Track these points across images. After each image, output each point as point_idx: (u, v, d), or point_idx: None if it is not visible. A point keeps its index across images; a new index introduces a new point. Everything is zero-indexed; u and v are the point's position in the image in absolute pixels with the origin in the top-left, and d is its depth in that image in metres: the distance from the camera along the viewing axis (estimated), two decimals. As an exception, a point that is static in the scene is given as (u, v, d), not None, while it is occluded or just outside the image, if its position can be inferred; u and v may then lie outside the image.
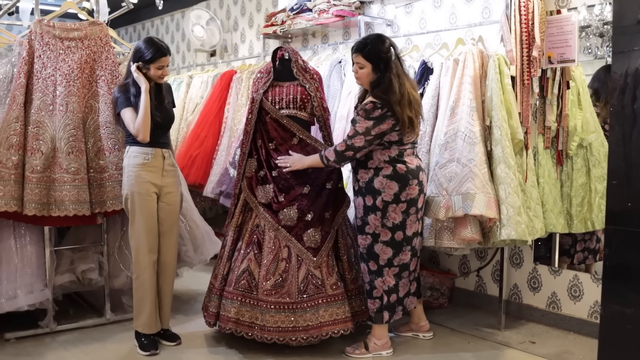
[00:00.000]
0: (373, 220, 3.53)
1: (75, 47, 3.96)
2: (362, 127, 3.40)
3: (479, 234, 3.76)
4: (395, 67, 3.43)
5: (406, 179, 3.49)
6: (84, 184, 3.85)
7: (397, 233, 3.53)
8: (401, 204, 3.49)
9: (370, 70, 3.45)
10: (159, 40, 3.64)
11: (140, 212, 3.66)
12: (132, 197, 3.65)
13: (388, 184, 3.48)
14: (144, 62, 3.58)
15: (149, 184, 3.66)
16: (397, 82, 3.40)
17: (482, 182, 3.69)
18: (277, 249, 3.66)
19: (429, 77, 4.20)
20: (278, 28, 5.66)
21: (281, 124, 3.78)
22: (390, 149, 3.48)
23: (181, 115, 6.34)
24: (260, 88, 3.86)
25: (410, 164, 3.52)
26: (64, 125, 3.83)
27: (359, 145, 3.42)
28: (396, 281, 3.61)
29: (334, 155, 3.49)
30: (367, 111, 3.40)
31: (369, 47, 3.45)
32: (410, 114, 3.43)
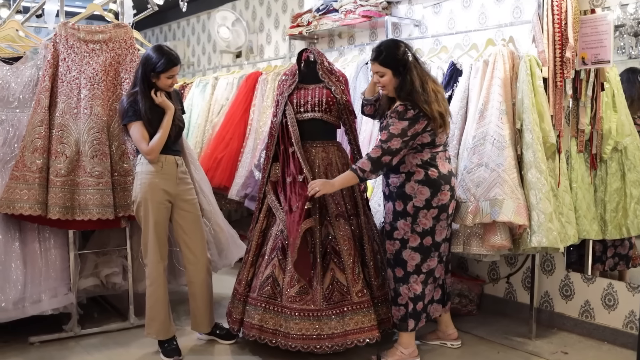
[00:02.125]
0: (402, 225, 3.46)
1: (99, 49, 3.93)
2: (398, 129, 3.32)
3: (508, 241, 3.65)
4: (414, 67, 3.37)
5: (438, 184, 3.41)
6: (107, 187, 3.82)
7: (426, 239, 3.46)
8: (432, 210, 3.42)
9: (391, 75, 3.40)
10: (169, 49, 3.57)
11: (152, 220, 3.60)
12: (145, 204, 3.59)
13: (420, 189, 3.41)
14: (155, 73, 3.51)
15: (163, 191, 3.61)
16: (419, 81, 3.34)
17: (510, 187, 3.59)
18: (301, 255, 3.59)
19: (457, 79, 4.10)
20: (304, 29, 5.59)
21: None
22: (423, 152, 3.41)
23: (206, 117, 6.32)
24: (285, 91, 3.79)
25: (442, 168, 3.45)
26: (88, 129, 3.81)
27: (396, 148, 3.32)
28: (422, 288, 3.53)
29: (369, 164, 3.34)
30: (399, 112, 3.34)
31: (384, 53, 3.40)
32: (440, 109, 3.37)
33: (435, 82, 3.45)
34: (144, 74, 3.54)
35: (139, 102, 3.53)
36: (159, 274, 3.66)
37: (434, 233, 3.46)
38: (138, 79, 3.58)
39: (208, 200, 4.46)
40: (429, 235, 3.45)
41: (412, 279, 3.49)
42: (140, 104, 3.52)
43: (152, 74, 3.53)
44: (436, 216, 3.44)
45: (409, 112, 3.32)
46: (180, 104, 3.82)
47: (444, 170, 3.45)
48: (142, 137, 3.53)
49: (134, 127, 3.55)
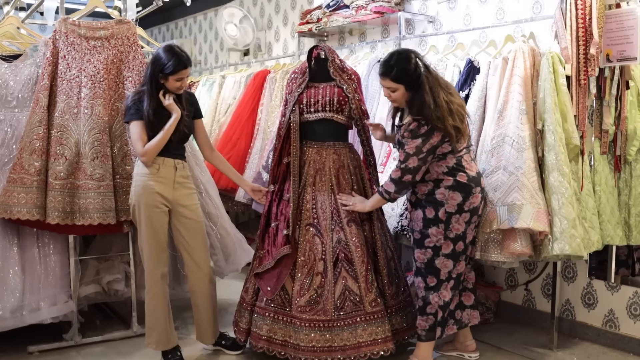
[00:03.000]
0: (435, 232, 3.31)
1: (101, 46, 3.77)
2: (412, 147, 3.21)
3: (529, 248, 3.47)
4: (426, 81, 3.20)
5: (469, 188, 3.28)
6: (109, 190, 3.66)
7: (458, 244, 3.34)
8: (464, 214, 3.29)
9: (403, 91, 3.26)
10: (180, 50, 3.39)
11: (146, 224, 3.43)
12: (139, 207, 3.43)
13: (451, 194, 3.27)
14: (163, 74, 3.34)
15: (157, 195, 3.42)
16: (431, 97, 3.17)
17: (530, 191, 3.41)
18: (311, 263, 3.42)
19: (475, 77, 3.92)
20: (313, 26, 5.42)
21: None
22: (446, 159, 3.28)
23: (213, 117, 6.17)
24: (294, 90, 3.62)
25: (470, 171, 3.32)
26: (88, 129, 3.65)
27: (414, 166, 3.23)
28: (452, 294, 3.41)
29: (392, 185, 3.31)
30: (412, 131, 3.22)
31: (396, 68, 3.23)
32: (455, 123, 3.21)
33: (447, 91, 3.27)
34: (152, 74, 3.36)
35: (144, 101, 3.36)
36: (156, 281, 3.49)
37: (465, 237, 3.35)
38: (146, 78, 3.41)
39: (214, 204, 4.31)
40: (460, 240, 3.34)
41: (443, 286, 3.36)
42: (145, 104, 3.35)
43: (161, 75, 3.35)
44: (468, 220, 3.32)
45: (421, 129, 3.21)
46: (193, 106, 3.63)
47: (472, 172, 3.32)
48: (139, 137, 3.36)
49: (133, 125, 3.38)
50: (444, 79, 3.41)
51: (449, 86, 3.35)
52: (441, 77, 3.36)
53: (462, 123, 3.25)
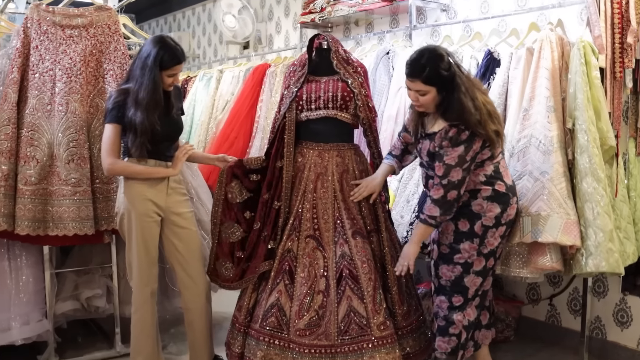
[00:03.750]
0: (468, 248, 2.93)
1: (78, 36, 3.38)
2: (454, 158, 2.79)
3: (560, 263, 3.07)
4: (461, 82, 2.80)
5: (507, 198, 2.92)
6: (86, 197, 3.28)
7: (490, 260, 2.97)
8: (501, 227, 2.93)
9: (435, 94, 2.83)
10: (173, 43, 3.00)
11: (137, 236, 3.06)
12: (129, 217, 3.06)
13: (489, 206, 2.89)
14: (158, 68, 2.96)
15: (150, 202, 3.06)
16: (469, 99, 2.77)
17: (557, 200, 3.01)
18: (312, 280, 3.03)
19: (495, 70, 3.51)
20: (317, 16, 5.04)
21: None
22: (484, 167, 2.90)
23: (210, 114, 5.80)
24: (292, 84, 3.22)
25: (507, 179, 2.96)
26: (63, 129, 3.27)
27: (459, 179, 2.81)
28: (477, 313, 3.04)
29: (436, 208, 2.85)
30: (452, 138, 2.79)
31: (428, 69, 2.79)
32: (495, 127, 2.83)
33: (482, 91, 2.89)
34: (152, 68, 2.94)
35: (127, 101, 2.96)
36: (144, 300, 3.13)
37: (496, 252, 2.98)
38: (142, 73, 2.96)
39: (207, 210, 3.93)
40: (492, 256, 2.97)
41: (469, 304, 3.00)
42: (128, 105, 2.96)
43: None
44: (503, 233, 2.95)
45: (462, 135, 2.79)
46: (179, 102, 3.26)
47: (509, 180, 2.97)
48: (111, 145, 2.98)
49: (108, 129, 3.00)
50: (475, 78, 3.01)
51: (481, 85, 2.96)
52: (472, 75, 2.96)
53: (501, 125, 2.88)
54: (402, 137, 3.19)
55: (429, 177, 2.99)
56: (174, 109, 3.12)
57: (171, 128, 3.12)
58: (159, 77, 2.96)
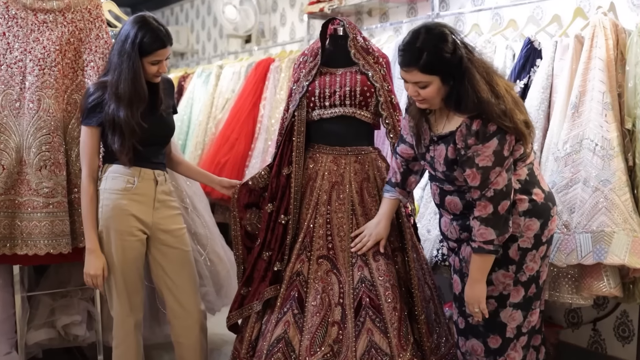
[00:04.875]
0: (502, 278, 2.35)
1: (53, 22, 2.90)
2: (489, 157, 2.20)
3: (619, 289, 2.60)
4: (472, 64, 2.22)
5: (547, 210, 2.34)
6: (61, 210, 2.81)
7: (531, 288, 2.39)
8: (542, 247, 2.35)
9: (439, 85, 2.24)
10: (156, 23, 2.54)
11: (117, 258, 2.61)
12: (107, 235, 2.61)
13: (528, 223, 2.31)
14: (138, 54, 2.51)
15: (132, 218, 2.61)
16: (486, 85, 2.20)
17: (622, 214, 2.55)
18: (325, 309, 2.56)
19: (536, 62, 3.04)
20: (326, 5, 4.59)
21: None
22: (517, 171, 2.32)
23: (209, 113, 5.38)
24: (302, 77, 2.75)
25: (544, 184, 2.39)
26: (34, 129, 2.79)
27: (505, 183, 2.22)
28: (524, 355, 2.45)
29: (489, 230, 2.23)
30: (479, 132, 2.21)
31: (426, 54, 2.19)
32: (524, 116, 2.26)
33: (500, 76, 2.33)
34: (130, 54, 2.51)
35: (104, 99, 2.53)
36: (128, 332, 2.66)
37: (539, 276, 2.40)
38: (120, 62, 2.53)
39: (203, 222, 3.48)
40: (534, 282, 2.39)
41: (512, 346, 2.42)
42: (106, 101, 2.53)
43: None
44: (545, 253, 2.39)
45: (490, 126, 2.20)
46: (171, 99, 2.79)
47: (545, 186, 2.40)
48: (90, 152, 2.57)
49: (85, 133, 2.58)
50: (489, 61, 2.40)
51: (493, 66, 2.37)
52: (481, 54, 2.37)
53: (528, 115, 2.32)
54: (400, 153, 2.59)
55: (445, 193, 2.41)
56: (163, 106, 2.65)
57: (160, 129, 2.66)
58: (139, 64, 2.49)
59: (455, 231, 2.43)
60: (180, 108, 5.76)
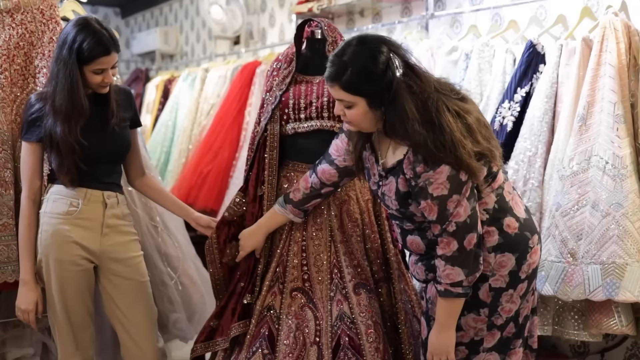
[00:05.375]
0: (472, 322, 2.04)
1: (0, 24, 2.62)
2: (443, 184, 1.87)
3: (632, 327, 2.32)
4: (408, 90, 1.88)
5: (524, 241, 2.01)
6: (7, 233, 2.51)
7: (508, 327, 2.06)
8: (521, 285, 2.02)
9: (365, 108, 1.93)
10: (99, 26, 2.24)
11: (58, 289, 2.32)
12: (47, 264, 2.33)
13: (499, 260, 1.99)
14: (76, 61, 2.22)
15: (75, 245, 2.32)
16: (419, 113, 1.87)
17: (636, 243, 2.28)
18: (299, 348, 2.25)
19: (539, 68, 2.75)
20: (315, 5, 4.31)
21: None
22: (484, 198, 1.98)
23: (194, 119, 5.09)
24: (275, 86, 2.45)
25: (518, 210, 2.03)
26: (-23, 144, 2.51)
27: (469, 214, 1.90)
28: None
29: (457, 270, 1.92)
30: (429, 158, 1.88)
31: (350, 72, 1.90)
32: (477, 146, 1.89)
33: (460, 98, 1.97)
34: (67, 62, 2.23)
35: (43, 113, 2.27)
36: None
37: (519, 314, 2.07)
38: (52, 72, 2.29)
39: (175, 241, 3.18)
40: (511, 322, 2.06)
41: None
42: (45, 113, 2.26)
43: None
44: (526, 291, 2.04)
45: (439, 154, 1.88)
46: (130, 110, 2.49)
47: (522, 212, 2.04)
48: (29, 170, 2.31)
49: (25, 149, 2.32)
50: (440, 78, 2.05)
51: (451, 87, 2.01)
52: (433, 75, 2.02)
53: (488, 141, 1.95)
54: (320, 174, 2.25)
55: (406, 233, 2.10)
56: (115, 119, 2.35)
57: (110, 145, 2.36)
58: (77, 73, 2.21)
59: (421, 271, 2.12)
60: (165, 113, 5.50)
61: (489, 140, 1.95)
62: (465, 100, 1.96)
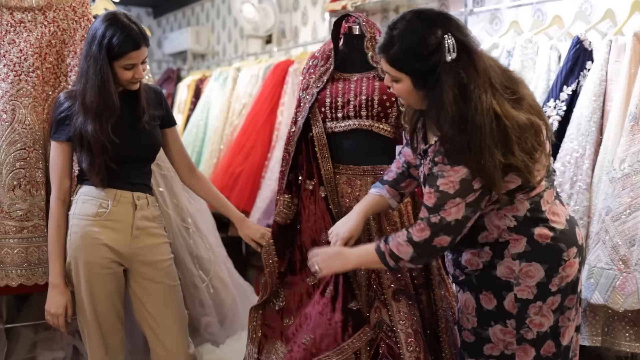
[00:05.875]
0: (500, 334, 1.92)
1: (32, 21, 2.57)
2: (453, 183, 1.79)
3: (690, 338, 2.17)
4: (452, 78, 1.75)
5: (557, 253, 1.87)
6: (37, 234, 2.47)
7: (545, 345, 1.92)
8: (552, 298, 1.88)
9: (409, 85, 1.84)
10: (127, 20, 2.19)
11: (87, 293, 2.27)
12: (76, 266, 2.27)
13: (525, 269, 1.87)
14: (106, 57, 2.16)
15: (105, 248, 2.26)
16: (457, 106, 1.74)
17: (695, 247, 2.12)
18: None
19: (586, 65, 2.62)
20: (349, 2, 4.21)
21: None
22: (515, 204, 1.87)
23: (226, 118, 5.04)
24: (312, 84, 2.36)
25: (556, 218, 1.89)
26: (8, 144, 2.45)
27: (458, 219, 1.81)
28: None
29: (410, 249, 1.86)
30: (451, 151, 1.80)
31: (397, 46, 1.80)
32: (507, 159, 1.75)
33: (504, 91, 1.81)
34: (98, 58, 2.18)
35: (72, 112, 2.22)
36: None
37: (559, 333, 1.92)
38: (81, 69, 2.24)
39: (207, 243, 3.11)
40: (549, 339, 1.92)
41: None
42: (74, 111, 2.21)
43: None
44: (559, 306, 1.90)
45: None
46: (160, 109, 2.43)
47: (560, 222, 1.90)
48: (59, 170, 2.26)
49: (54, 149, 2.27)
50: (507, 71, 1.93)
51: (509, 85, 1.85)
52: (496, 66, 1.87)
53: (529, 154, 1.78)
54: (404, 154, 2.18)
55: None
56: (145, 117, 2.29)
57: (141, 144, 2.30)
58: (108, 69, 2.15)
59: (450, 265, 2.04)
60: (197, 113, 5.45)
61: (531, 153, 1.79)
62: (520, 102, 1.81)
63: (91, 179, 2.23)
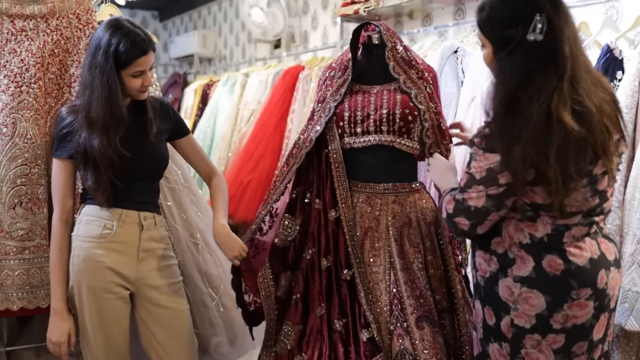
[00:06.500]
0: (497, 353, 1.84)
1: (34, 29, 2.44)
2: (481, 168, 1.73)
3: None
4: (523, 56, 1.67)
5: (565, 288, 1.73)
6: (39, 255, 2.35)
7: None
8: (553, 336, 1.75)
9: (491, 54, 1.79)
10: (132, 26, 2.08)
11: (92, 319, 2.15)
12: (79, 291, 2.15)
13: (524, 294, 1.75)
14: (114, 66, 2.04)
15: (109, 272, 2.14)
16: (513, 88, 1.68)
17: None
18: None
19: (616, 75, 2.49)
20: (361, 7, 4.07)
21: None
22: (537, 223, 1.75)
23: (234, 125, 4.93)
24: (329, 97, 2.24)
25: (577, 252, 1.74)
26: (8, 159, 2.33)
27: (477, 207, 1.75)
28: None
29: (444, 210, 1.86)
30: (488, 137, 1.74)
31: (485, 12, 1.76)
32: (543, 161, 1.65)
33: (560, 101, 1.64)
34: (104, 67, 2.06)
35: (75, 127, 2.10)
36: None
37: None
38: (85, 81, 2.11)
39: (216, 260, 2.97)
40: None
41: None
42: (76, 127, 2.09)
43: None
44: (563, 348, 1.75)
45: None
46: (168, 121, 2.31)
47: (581, 255, 1.74)
48: (61, 189, 2.14)
49: (56, 166, 2.15)
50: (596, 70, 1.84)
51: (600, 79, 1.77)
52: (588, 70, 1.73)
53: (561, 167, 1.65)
54: None
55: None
56: (153, 129, 2.17)
57: (147, 160, 2.18)
58: (116, 79, 2.03)
59: (472, 269, 1.96)
60: (204, 119, 5.34)
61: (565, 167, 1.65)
62: (582, 117, 1.65)
63: (96, 198, 2.10)
